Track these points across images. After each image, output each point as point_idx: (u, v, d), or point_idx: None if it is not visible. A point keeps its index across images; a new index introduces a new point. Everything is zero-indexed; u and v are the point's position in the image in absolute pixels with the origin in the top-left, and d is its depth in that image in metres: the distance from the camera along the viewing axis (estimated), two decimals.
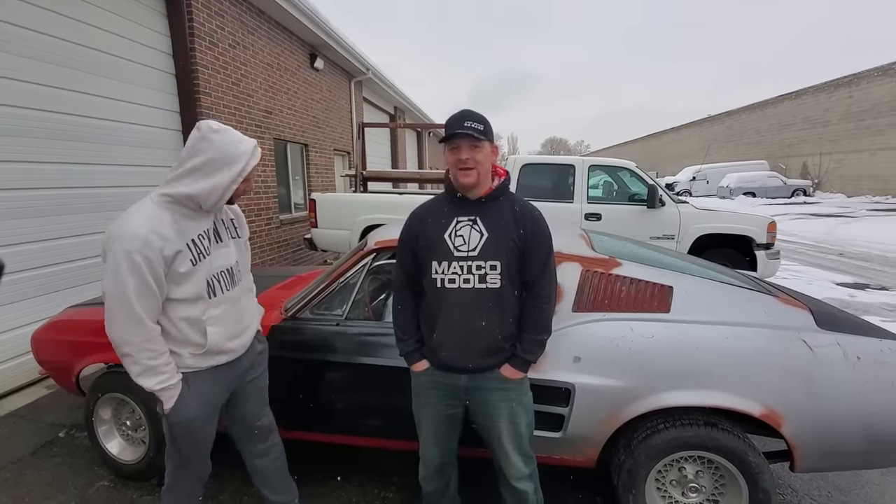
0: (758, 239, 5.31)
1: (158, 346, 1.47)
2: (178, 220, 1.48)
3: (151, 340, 1.45)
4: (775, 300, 2.04)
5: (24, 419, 3.08)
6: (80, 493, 2.35)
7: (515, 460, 1.67)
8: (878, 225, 12.10)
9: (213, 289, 1.56)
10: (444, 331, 1.62)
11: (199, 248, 1.51)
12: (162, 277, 1.43)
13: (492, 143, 1.61)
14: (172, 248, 1.43)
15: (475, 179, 1.57)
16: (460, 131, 1.53)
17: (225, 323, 1.60)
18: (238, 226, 1.76)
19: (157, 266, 1.40)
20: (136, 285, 1.38)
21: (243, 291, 1.74)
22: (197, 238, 1.52)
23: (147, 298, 1.41)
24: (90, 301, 2.78)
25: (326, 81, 8.94)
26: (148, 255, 1.38)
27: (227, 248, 1.65)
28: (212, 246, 1.57)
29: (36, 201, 3.55)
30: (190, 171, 1.48)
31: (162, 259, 1.41)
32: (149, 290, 1.41)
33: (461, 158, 1.55)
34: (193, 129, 1.50)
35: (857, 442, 1.80)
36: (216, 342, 1.57)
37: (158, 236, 1.41)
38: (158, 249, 1.40)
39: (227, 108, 5.61)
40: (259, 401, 1.86)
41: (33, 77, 3.51)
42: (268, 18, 6.62)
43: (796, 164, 24.02)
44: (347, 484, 2.40)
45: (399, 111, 15.24)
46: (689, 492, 1.93)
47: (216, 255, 1.58)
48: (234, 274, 1.67)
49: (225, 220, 1.68)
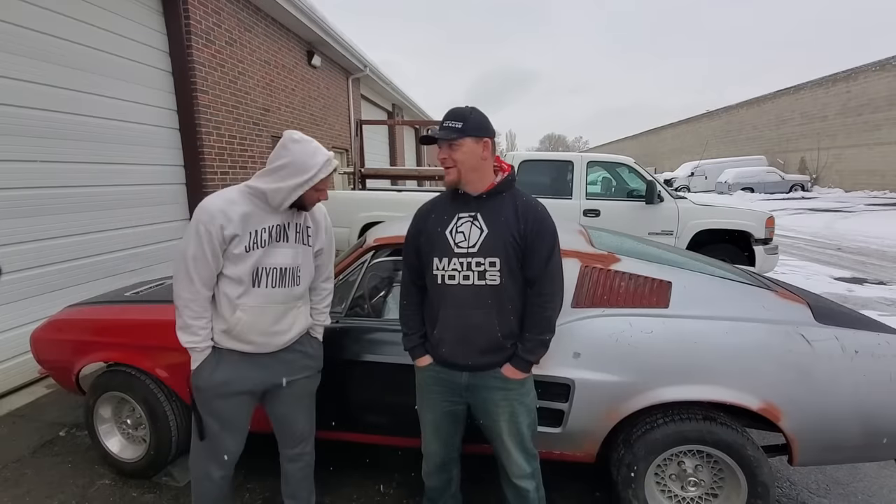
0: (756, 234, 5.32)
1: (200, 310, 1.64)
2: (251, 209, 1.64)
3: (196, 302, 1.63)
4: (773, 295, 2.05)
5: (24, 418, 3.08)
6: (82, 491, 2.35)
7: (517, 458, 1.68)
8: (875, 219, 12.14)
9: (258, 279, 1.66)
10: (444, 327, 1.63)
11: (256, 239, 1.64)
12: (218, 251, 1.60)
13: (477, 138, 1.55)
14: (232, 230, 1.60)
15: (455, 177, 1.57)
16: (435, 134, 1.57)
17: (256, 315, 1.66)
18: (312, 235, 1.79)
19: (215, 240, 1.58)
20: (195, 250, 1.58)
21: (292, 298, 1.74)
22: (260, 230, 1.65)
23: (200, 264, 1.60)
24: (89, 300, 2.77)
25: (324, 79, 8.92)
26: (210, 230, 1.57)
27: (289, 249, 1.71)
28: (271, 242, 1.67)
29: (31, 200, 3.54)
30: (269, 171, 1.65)
31: (221, 236, 1.59)
32: (203, 257, 1.59)
33: (440, 157, 1.58)
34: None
35: (855, 435, 1.81)
36: (240, 328, 1.65)
37: (224, 217, 1.59)
38: (220, 227, 1.58)
39: (224, 106, 5.60)
40: (295, 405, 1.85)
41: (28, 76, 3.49)
42: (264, 15, 6.59)
43: (794, 160, 24.05)
44: (347, 479, 2.41)
45: (397, 108, 15.21)
46: (688, 486, 1.94)
47: (273, 252, 1.67)
48: (287, 276, 1.71)
49: (299, 225, 1.75)
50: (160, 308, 2.42)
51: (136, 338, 2.32)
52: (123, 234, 4.41)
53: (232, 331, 1.66)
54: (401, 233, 1.86)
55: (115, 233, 4.32)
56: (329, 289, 1.95)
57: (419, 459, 1.86)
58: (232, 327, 1.65)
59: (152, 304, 2.47)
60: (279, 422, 1.87)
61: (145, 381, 2.29)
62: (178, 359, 2.25)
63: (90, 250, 4.05)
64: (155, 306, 2.44)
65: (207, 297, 1.65)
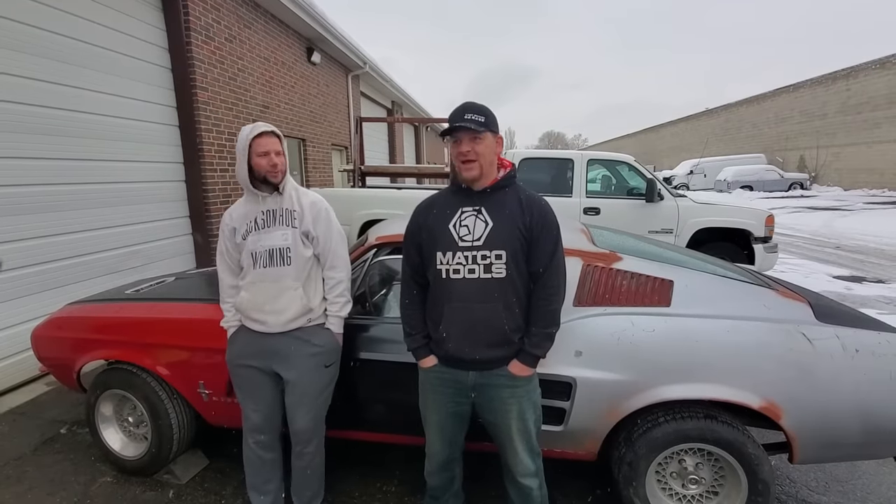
0: (756, 232, 5.33)
1: (226, 295, 2.01)
2: (246, 206, 1.93)
3: (222, 288, 2.01)
4: (774, 293, 2.05)
5: (24, 416, 3.08)
6: (83, 489, 2.35)
7: (523, 457, 1.68)
8: (874, 218, 12.15)
9: (255, 261, 1.89)
10: (449, 322, 1.62)
11: (249, 228, 1.90)
12: (229, 246, 1.95)
13: (495, 134, 1.61)
14: (232, 225, 1.94)
15: (478, 172, 1.57)
16: (460, 124, 1.54)
17: (254, 293, 1.89)
18: (298, 218, 1.92)
19: (226, 237, 1.95)
20: (220, 247, 1.99)
21: (284, 277, 1.88)
22: (251, 220, 1.90)
23: (222, 257, 1.99)
24: (90, 297, 2.77)
25: (324, 76, 8.89)
26: (223, 229, 1.97)
27: (276, 231, 1.89)
28: (263, 228, 1.89)
29: (31, 198, 3.53)
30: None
31: (228, 232, 1.94)
32: (223, 251, 1.98)
33: (462, 151, 1.56)
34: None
35: (855, 433, 1.81)
36: (244, 306, 1.91)
37: (229, 216, 1.96)
38: (226, 225, 1.96)
39: (223, 103, 5.58)
40: (297, 401, 1.93)
41: (27, 72, 3.48)
42: (264, 12, 6.57)
43: (793, 158, 24.05)
44: (348, 477, 2.41)
45: (397, 105, 15.17)
46: (689, 483, 1.95)
47: (263, 236, 1.89)
48: (276, 256, 1.88)
49: (284, 210, 1.91)
50: (160, 306, 2.42)
51: (136, 335, 2.32)
52: (123, 232, 4.40)
53: (239, 308, 1.93)
54: (402, 231, 1.85)
55: (115, 230, 4.31)
56: (336, 278, 1.98)
57: (421, 457, 1.87)
58: (238, 305, 1.93)
59: (153, 302, 2.47)
60: (287, 416, 1.98)
61: (146, 378, 2.30)
62: (178, 356, 2.26)
63: (90, 247, 4.04)
64: (155, 304, 2.44)
65: (230, 285, 1.99)
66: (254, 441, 1.98)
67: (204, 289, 2.73)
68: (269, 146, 1.84)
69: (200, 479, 2.43)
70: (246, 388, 1.96)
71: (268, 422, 1.98)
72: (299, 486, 2.03)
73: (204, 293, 2.58)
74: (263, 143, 1.83)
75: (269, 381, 1.95)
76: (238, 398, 2.00)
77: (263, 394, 1.95)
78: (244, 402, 1.98)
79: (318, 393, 1.94)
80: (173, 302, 2.45)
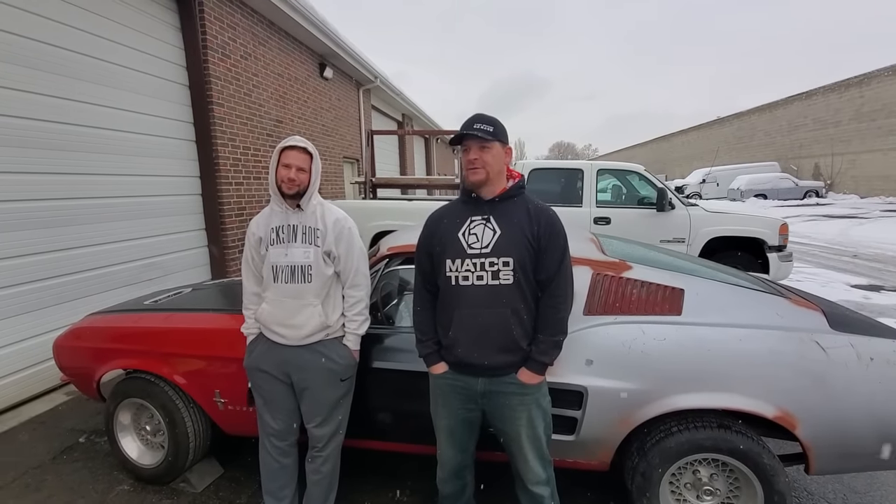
0: (770, 241, 5.27)
1: (249, 301, 2.06)
2: (271, 215, 1.97)
3: (246, 295, 2.07)
4: (787, 302, 2.04)
5: (44, 425, 3.15)
6: (101, 497, 2.39)
7: (534, 465, 1.69)
8: (892, 226, 11.93)
9: (276, 276, 1.93)
10: (458, 328, 1.65)
11: (272, 236, 1.95)
12: (253, 254, 2.01)
13: (504, 144, 1.65)
14: (257, 235, 1.98)
15: (483, 177, 1.62)
16: (468, 132, 1.61)
17: (274, 307, 1.94)
18: (320, 237, 1.93)
19: (251, 246, 2.01)
20: (245, 255, 2.05)
21: (304, 294, 1.91)
22: (275, 227, 1.95)
23: (248, 265, 2.05)
24: (110, 308, 2.83)
25: (335, 90, 9.04)
26: (249, 238, 2.02)
27: (298, 248, 1.92)
28: (279, 241, 1.93)
29: (51, 212, 3.63)
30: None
31: (255, 241, 1.99)
32: (248, 259, 2.04)
33: (470, 159, 1.62)
34: None
35: (872, 443, 1.79)
36: (264, 318, 1.96)
37: (256, 225, 2.00)
38: (252, 234, 2.00)
39: (239, 118, 5.71)
40: (311, 408, 1.98)
41: (50, 90, 3.60)
42: (278, 29, 6.73)
43: (808, 166, 23.76)
44: (361, 486, 2.42)
45: (407, 118, 15.33)
46: (703, 495, 1.92)
47: (281, 251, 1.93)
48: (297, 274, 1.91)
49: (307, 227, 1.94)
50: (178, 316, 2.47)
51: (154, 345, 2.37)
52: (141, 244, 4.49)
53: (260, 319, 1.97)
54: (414, 241, 1.89)
55: (134, 242, 4.41)
56: (356, 297, 2.01)
57: (434, 466, 1.88)
58: (259, 316, 1.97)
59: (170, 313, 2.52)
60: (305, 420, 2.01)
61: (164, 387, 2.34)
62: (195, 366, 2.30)
63: (108, 260, 4.13)
64: (173, 314, 2.49)
65: (254, 293, 2.04)
66: (271, 446, 2.01)
67: (220, 299, 2.78)
68: (293, 160, 1.88)
69: (215, 488, 2.45)
70: (265, 394, 2.00)
71: (285, 428, 2.01)
72: (309, 494, 2.05)
73: (220, 304, 2.63)
74: (291, 155, 1.89)
75: (286, 389, 1.98)
76: (256, 404, 2.03)
77: (281, 401, 1.99)
78: (262, 407, 2.01)
79: (333, 405, 1.97)
80: (190, 312, 2.50)
